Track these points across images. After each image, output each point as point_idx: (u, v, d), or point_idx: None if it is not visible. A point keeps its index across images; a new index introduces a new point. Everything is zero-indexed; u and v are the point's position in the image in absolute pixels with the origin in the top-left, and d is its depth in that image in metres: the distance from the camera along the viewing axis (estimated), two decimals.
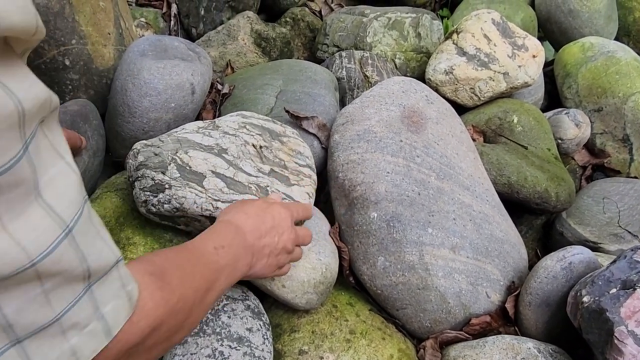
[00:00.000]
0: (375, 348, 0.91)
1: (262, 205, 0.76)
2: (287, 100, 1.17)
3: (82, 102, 1.05)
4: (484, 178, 1.09)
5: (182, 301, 0.51)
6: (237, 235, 0.67)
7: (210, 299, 0.58)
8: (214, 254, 0.61)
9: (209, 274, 0.58)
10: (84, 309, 0.38)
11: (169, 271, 0.51)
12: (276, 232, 0.74)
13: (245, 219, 0.71)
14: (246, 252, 0.68)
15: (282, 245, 0.75)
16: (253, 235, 0.70)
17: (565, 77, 1.59)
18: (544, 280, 0.95)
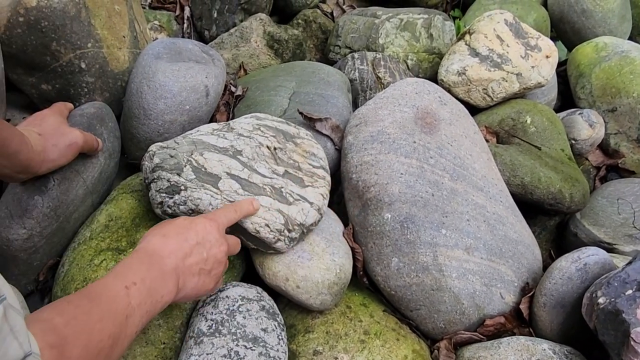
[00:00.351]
0: (390, 349, 0.92)
1: (183, 223, 0.73)
2: (301, 102, 1.17)
3: (98, 105, 1.06)
4: (497, 179, 1.09)
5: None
6: (151, 266, 0.65)
7: (120, 349, 0.57)
8: (125, 296, 0.58)
9: (116, 327, 0.55)
10: None
11: (70, 340, 0.49)
12: (203, 247, 0.72)
13: (163, 242, 0.69)
14: (168, 278, 0.66)
15: (213, 260, 0.74)
16: (175, 257, 0.68)
17: (579, 78, 1.58)
18: (559, 281, 0.95)
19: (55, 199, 0.91)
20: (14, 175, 0.83)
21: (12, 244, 0.88)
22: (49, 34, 1.00)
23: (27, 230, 0.88)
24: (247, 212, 0.84)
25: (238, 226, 0.86)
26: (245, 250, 1.01)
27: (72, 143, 0.90)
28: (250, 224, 0.85)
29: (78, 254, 0.91)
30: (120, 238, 0.93)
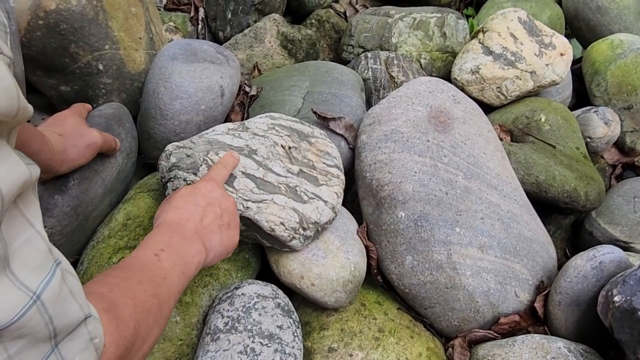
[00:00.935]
0: (404, 346, 0.92)
1: (187, 190, 0.77)
2: (314, 102, 1.18)
3: (115, 106, 1.08)
4: (511, 177, 1.09)
5: (137, 329, 0.51)
6: (173, 232, 0.68)
7: (167, 308, 0.59)
8: (156, 261, 0.61)
9: (157, 287, 0.58)
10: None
11: (119, 303, 0.51)
12: (214, 205, 0.75)
13: (177, 213, 0.72)
14: (192, 241, 0.69)
15: (227, 213, 0.76)
16: (193, 221, 0.71)
17: (594, 75, 1.57)
18: (574, 279, 0.95)
19: (75, 198, 0.92)
20: None
21: None
22: (67, 36, 1.02)
23: (48, 228, 0.90)
24: (233, 164, 0.87)
25: (253, 224, 0.87)
26: (261, 248, 1.02)
27: (91, 143, 0.91)
28: (266, 222, 0.86)
29: (97, 252, 0.93)
30: (138, 236, 0.94)
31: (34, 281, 0.37)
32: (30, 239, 0.37)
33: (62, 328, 0.40)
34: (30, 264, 0.37)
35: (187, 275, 0.65)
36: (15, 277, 0.36)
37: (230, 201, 0.79)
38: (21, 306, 0.35)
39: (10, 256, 0.36)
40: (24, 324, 0.36)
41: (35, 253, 0.38)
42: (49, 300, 0.38)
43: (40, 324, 0.37)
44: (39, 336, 0.37)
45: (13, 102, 0.33)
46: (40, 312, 0.37)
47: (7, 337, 0.35)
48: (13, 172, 0.35)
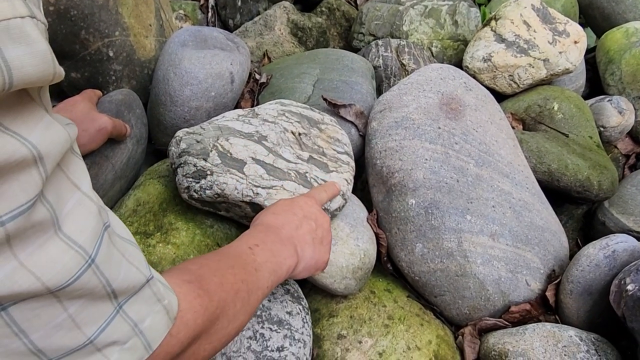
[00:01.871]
0: (414, 334, 0.92)
1: (286, 201, 0.78)
2: (325, 89, 1.17)
3: (126, 92, 1.08)
4: (523, 166, 1.08)
5: (221, 306, 0.51)
6: (269, 233, 0.68)
7: (255, 299, 0.58)
8: (250, 253, 0.61)
9: (247, 275, 0.58)
10: (119, 327, 0.40)
11: (205, 277, 0.52)
12: (310, 219, 0.75)
13: (275, 218, 0.72)
14: (285, 245, 0.69)
15: (322, 229, 0.76)
16: (289, 227, 0.71)
17: (608, 64, 1.55)
18: (586, 268, 0.94)
19: None
20: None
21: None
22: (78, 22, 1.02)
23: None
24: (333, 193, 0.89)
25: None
26: None
27: (102, 128, 0.91)
28: None
29: None
30: (148, 222, 0.94)
31: (90, 244, 0.37)
32: (80, 201, 0.38)
33: (122, 290, 0.40)
34: (84, 227, 0.37)
35: (277, 275, 0.64)
36: (71, 239, 0.36)
37: (326, 219, 0.79)
38: (77, 268, 0.35)
39: (62, 219, 0.35)
40: (81, 287, 0.36)
41: (88, 215, 0.38)
42: (103, 262, 0.38)
43: (98, 286, 0.37)
44: (98, 297, 0.38)
45: (49, 67, 0.32)
46: (95, 274, 0.37)
47: (65, 297, 0.35)
48: (50, 134, 0.34)
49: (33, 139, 0.32)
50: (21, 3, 0.31)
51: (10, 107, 0.32)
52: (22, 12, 0.30)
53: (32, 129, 0.33)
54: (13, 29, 0.30)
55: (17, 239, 0.32)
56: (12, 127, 0.31)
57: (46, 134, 0.34)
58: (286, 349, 0.81)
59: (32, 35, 0.31)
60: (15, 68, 0.30)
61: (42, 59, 0.31)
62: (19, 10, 0.30)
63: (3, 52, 0.29)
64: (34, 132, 0.33)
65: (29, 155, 0.32)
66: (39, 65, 0.31)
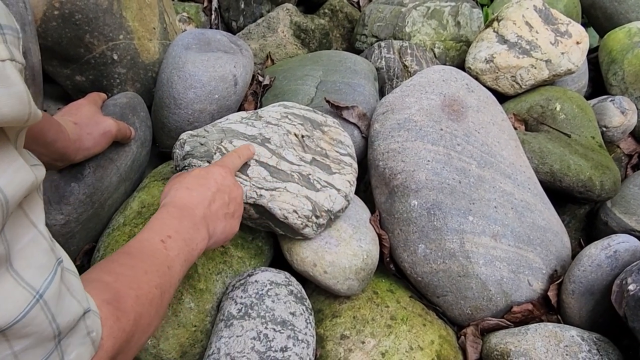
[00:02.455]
0: (416, 334, 0.92)
1: (201, 173, 0.76)
2: (327, 91, 1.18)
3: (130, 95, 1.08)
4: (525, 166, 1.08)
5: (137, 321, 0.52)
6: (183, 218, 0.67)
7: (168, 297, 0.59)
8: (162, 249, 0.61)
9: (161, 277, 0.58)
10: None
11: (122, 294, 0.51)
12: (223, 193, 0.75)
13: (188, 194, 0.72)
14: (199, 226, 0.69)
15: (234, 203, 0.77)
16: (202, 206, 0.71)
17: (611, 64, 1.55)
18: (588, 268, 0.94)
19: (90, 186, 0.94)
20: (52, 162, 0.86)
21: (50, 229, 0.91)
22: (82, 26, 1.03)
23: (65, 216, 0.92)
24: (248, 156, 0.88)
25: (266, 212, 0.88)
26: (273, 236, 1.03)
27: (106, 131, 0.92)
28: (279, 210, 0.87)
29: (112, 239, 0.94)
30: None
31: (38, 280, 0.38)
32: (34, 239, 0.38)
33: (65, 325, 0.40)
34: (34, 264, 0.38)
35: (189, 262, 0.65)
36: (20, 276, 0.36)
37: (239, 191, 0.79)
38: (25, 305, 0.36)
39: (13, 256, 0.36)
40: (29, 323, 0.36)
41: (39, 252, 0.39)
42: (51, 298, 0.38)
43: (45, 322, 0.38)
44: (44, 335, 0.38)
45: (24, 108, 0.34)
46: (43, 310, 0.38)
47: (13, 335, 0.36)
48: (18, 177, 0.35)
49: (1, 182, 0.33)
50: (2, 46, 0.32)
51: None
52: (3, 56, 0.32)
53: (3, 173, 0.34)
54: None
55: None
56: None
57: (15, 177, 0.35)
58: (290, 349, 0.82)
59: (11, 78, 0.32)
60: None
61: (18, 100, 0.33)
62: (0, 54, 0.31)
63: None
64: (4, 175, 0.34)
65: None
66: (14, 106, 0.32)
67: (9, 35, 0.33)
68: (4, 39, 0.32)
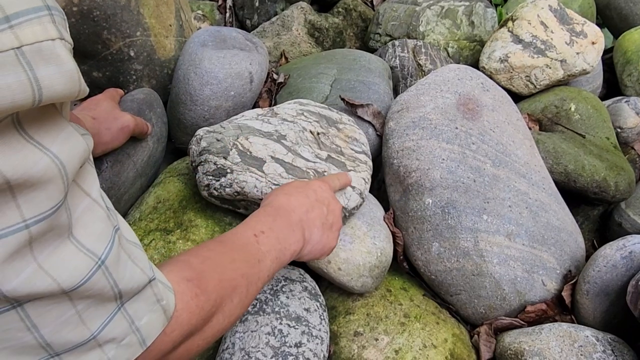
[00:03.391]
0: (430, 332, 0.93)
1: (301, 183, 0.78)
2: (342, 89, 1.18)
3: (147, 91, 1.09)
4: (540, 166, 1.08)
5: (218, 304, 0.52)
6: (278, 217, 0.68)
7: (254, 290, 0.59)
8: (254, 243, 0.62)
9: (249, 268, 0.59)
10: (118, 325, 0.42)
11: (206, 275, 0.53)
12: (322, 203, 0.76)
13: (287, 199, 0.73)
14: (293, 229, 0.69)
15: (332, 215, 0.77)
16: (300, 211, 0.71)
17: (626, 65, 1.54)
18: (603, 269, 0.94)
19: (108, 181, 0.95)
20: None
21: None
22: (100, 23, 1.04)
23: None
24: (346, 182, 0.90)
25: None
26: None
27: (124, 127, 0.93)
28: None
29: None
30: (168, 219, 0.96)
31: (99, 247, 0.39)
32: (89, 207, 0.40)
33: (127, 290, 0.42)
34: (93, 231, 0.39)
35: (280, 261, 0.65)
36: (81, 243, 0.38)
37: (338, 206, 0.79)
38: (87, 270, 0.38)
39: (72, 224, 0.38)
40: (91, 287, 0.38)
41: (96, 220, 0.40)
42: (112, 264, 0.40)
43: (106, 286, 0.39)
44: (105, 297, 0.40)
45: (75, 85, 0.35)
46: (105, 275, 0.39)
47: (76, 296, 0.37)
48: (70, 143, 0.37)
49: (54, 149, 0.35)
50: (52, 26, 0.33)
51: (36, 118, 0.34)
52: (53, 35, 0.33)
53: (54, 140, 0.35)
54: (45, 50, 0.32)
55: (37, 242, 0.34)
56: (36, 137, 0.34)
57: (66, 144, 0.36)
58: (304, 345, 0.82)
59: (61, 56, 0.33)
60: (45, 87, 0.32)
61: (69, 78, 0.34)
62: (50, 33, 0.33)
63: (35, 72, 0.31)
64: (55, 142, 0.35)
65: (52, 164, 0.34)
66: (66, 84, 0.34)
67: (57, 16, 0.34)
68: (52, 20, 0.33)
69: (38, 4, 0.32)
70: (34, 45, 0.31)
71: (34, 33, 0.31)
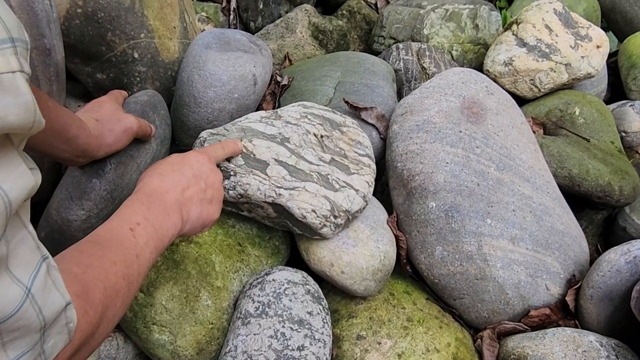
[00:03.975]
0: (433, 336, 0.92)
1: (176, 159, 0.76)
2: (346, 92, 1.18)
3: (150, 93, 1.09)
4: (544, 170, 1.08)
5: (104, 313, 0.52)
6: (152, 204, 0.67)
7: (135, 288, 0.59)
8: (131, 237, 0.60)
9: (128, 267, 0.58)
10: (35, 351, 0.41)
11: (91, 286, 0.52)
12: (199, 178, 0.75)
13: (160, 180, 0.71)
14: (170, 212, 0.68)
15: (212, 189, 0.76)
16: (175, 191, 0.70)
17: (630, 69, 1.54)
18: (607, 273, 0.94)
19: (111, 182, 0.94)
20: (73, 159, 0.87)
21: (71, 224, 0.92)
22: (104, 24, 1.04)
23: (86, 211, 0.92)
24: (233, 151, 0.88)
25: (285, 211, 0.88)
26: (291, 235, 1.03)
27: (128, 128, 0.93)
28: (297, 209, 0.87)
29: None
30: None
31: (25, 276, 0.39)
32: (23, 238, 0.40)
33: (50, 317, 0.42)
34: (22, 261, 0.40)
35: (159, 249, 0.65)
36: (13, 274, 0.38)
37: (217, 177, 0.79)
38: (18, 300, 0.38)
39: (9, 256, 0.38)
40: (21, 316, 0.38)
41: (27, 250, 0.41)
42: (37, 292, 0.40)
43: (33, 315, 0.39)
44: (32, 327, 0.40)
45: (30, 116, 0.36)
46: (32, 303, 0.39)
47: (5, 329, 0.37)
48: (22, 181, 0.37)
49: (6, 186, 0.35)
50: (14, 59, 0.34)
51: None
52: (15, 67, 0.34)
53: (7, 177, 0.36)
54: (5, 82, 0.33)
55: None
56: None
57: (18, 181, 0.37)
58: (306, 348, 0.82)
59: (20, 88, 0.34)
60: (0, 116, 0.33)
61: (25, 109, 0.35)
62: (12, 66, 0.34)
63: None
64: (8, 180, 0.36)
65: (1, 201, 0.35)
66: (20, 114, 0.35)
67: (20, 47, 0.35)
68: (15, 52, 0.34)
69: (3, 36, 0.34)
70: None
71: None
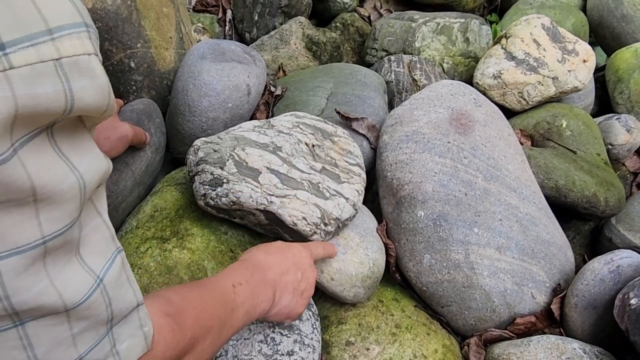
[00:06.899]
0: (420, 342, 0.94)
1: (282, 245, 0.80)
2: (338, 102, 1.21)
3: (146, 102, 1.11)
4: (531, 181, 1.10)
5: (192, 343, 0.53)
6: (255, 273, 0.69)
7: (226, 336, 0.61)
8: (231, 292, 0.63)
9: (224, 313, 0.60)
10: (102, 348, 0.42)
11: (184, 312, 0.54)
12: (298, 269, 0.77)
13: (265, 256, 0.74)
14: (268, 286, 0.70)
15: (306, 282, 0.78)
16: (274, 271, 0.73)
17: (617, 83, 1.57)
18: (591, 282, 0.96)
19: (106, 189, 0.96)
20: None
21: None
22: (102, 34, 1.06)
23: None
24: (330, 254, 0.90)
25: (276, 219, 0.90)
26: None
27: (123, 136, 0.95)
28: (288, 216, 0.89)
29: (125, 242, 0.96)
30: (165, 228, 0.97)
31: (98, 265, 0.40)
32: (97, 226, 0.41)
33: (118, 312, 0.43)
34: (95, 250, 0.41)
35: (250, 316, 0.66)
36: (84, 261, 0.39)
37: (313, 273, 0.80)
38: (88, 288, 0.39)
39: (80, 241, 0.39)
40: (90, 305, 0.39)
41: (101, 239, 0.42)
42: (110, 283, 0.41)
43: (102, 306, 0.40)
44: (99, 318, 0.41)
45: (105, 99, 0.37)
46: (102, 294, 0.40)
47: (74, 316, 0.38)
48: (96, 164, 0.38)
49: (82, 168, 0.36)
50: (89, 42, 0.35)
51: (69, 135, 0.36)
52: (90, 50, 0.35)
53: (82, 159, 0.37)
54: (81, 64, 0.34)
55: (50, 257, 0.36)
56: (66, 154, 0.36)
57: (92, 165, 0.38)
58: (296, 353, 0.84)
59: (96, 70, 0.35)
60: (77, 98, 0.34)
61: (100, 91, 0.36)
62: (87, 48, 0.35)
63: (70, 83, 0.33)
64: (83, 162, 0.37)
65: (77, 184, 0.36)
66: (96, 97, 0.36)
67: (93, 33, 0.36)
68: (89, 36, 0.35)
69: (78, 20, 0.35)
70: (72, 58, 0.33)
71: (73, 47, 0.34)
